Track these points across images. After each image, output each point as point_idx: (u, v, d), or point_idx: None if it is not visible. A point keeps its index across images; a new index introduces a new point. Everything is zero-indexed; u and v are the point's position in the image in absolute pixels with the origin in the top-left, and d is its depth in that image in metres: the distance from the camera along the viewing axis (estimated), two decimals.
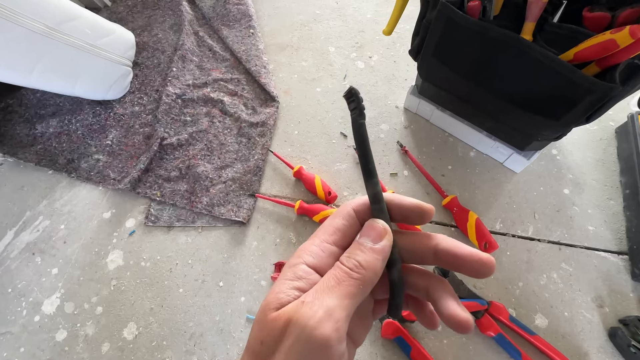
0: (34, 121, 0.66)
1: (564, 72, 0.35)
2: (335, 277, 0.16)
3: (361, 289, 0.16)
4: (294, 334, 0.14)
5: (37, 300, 0.50)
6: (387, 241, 0.17)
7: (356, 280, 0.16)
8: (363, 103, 0.17)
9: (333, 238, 0.18)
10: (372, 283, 0.16)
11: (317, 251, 0.18)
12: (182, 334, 0.47)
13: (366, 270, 0.16)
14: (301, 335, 0.14)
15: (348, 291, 0.15)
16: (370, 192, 0.18)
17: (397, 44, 0.73)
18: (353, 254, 0.17)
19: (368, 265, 0.16)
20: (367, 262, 0.16)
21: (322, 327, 0.14)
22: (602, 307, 0.47)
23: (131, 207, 0.57)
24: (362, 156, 0.18)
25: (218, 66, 0.72)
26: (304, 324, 0.14)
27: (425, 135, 0.61)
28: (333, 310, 0.15)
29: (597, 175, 0.57)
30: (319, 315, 0.14)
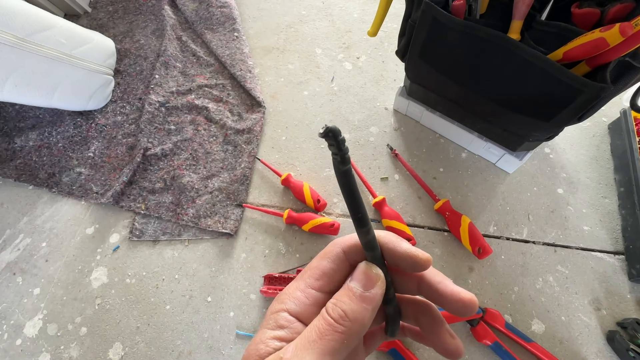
0: (13, 135, 0.64)
1: (554, 72, 0.34)
2: (317, 329, 0.15)
3: (345, 344, 0.14)
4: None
5: (19, 322, 0.49)
6: (379, 289, 0.16)
7: (340, 334, 0.14)
8: (346, 144, 0.14)
9: (319, 283, 0.17)
10: (358, 336, 0.15)
11: (301, 298, 0.16)
12: (170, 352, 0.46)
13: (352, 323, 0.15)
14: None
15: (330, 346, 0.14)
16: (363, 241, 0.16)
17: (385, 44, 0.71)
18: (340, 302, 0.15)
19: (355, 317, 0.15)
20: (354, 312, 0.15)
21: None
22: (600, 309, 0.46)
23: (115, 222, 0.55)
24: (351, 205, 0.15)
25: (202, 72, 0.70)
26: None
27: (416, 137, 0.60)
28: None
29: (591, 173, 0.55)
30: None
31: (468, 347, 0.44)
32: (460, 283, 0.48)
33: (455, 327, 0.45)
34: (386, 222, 0.50)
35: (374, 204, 0.53)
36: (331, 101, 0.65)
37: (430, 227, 0.52)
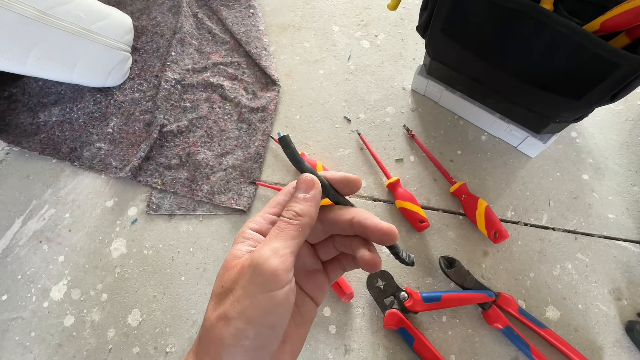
0: (37, 110, 0.66)
1: (589, 44, 0.31)
2: (278, 227, 0.20)
3: (300, 231, 0.19)
4: (248, 272, 0.18)
5: (46, 286, 0.51)
6: (316, 190, 0.20)
7: (295, 225, 0.19)
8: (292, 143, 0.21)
9: (274, 210, 0.22)
10: (309, 225, 0.20)
11: (260, 220, 0.22)
12: (185, 321, 0.48)
13: (302, 217, 0.20)
14: (254, 271, 0.18)
15: (290, 234, 0.19)
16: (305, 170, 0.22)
17: (405, 21, 0.68)
18: (290, 207, 0.20)
19: (303, 212, 0.20)
20: (302, 210, 0.20)
21: (270, 261, 0.18)
22: (620, 299, 0.44)
23: (133, 196, 0.57)
24: (294, 162, 0.22)
25: (217, 49, 0.70)
26: (256, 262, 0.18)
27: (434, 118, 0.58)
28: (278, 249, 0.18)
29: (620, 160, 0.52)
30: (267, 254, 0.18)
31: (478, 330, 0.44)
32: (474, 267, 0.47)
33: (467, 311, 0.45)
34: (400, 204, 0.50)
35: (388, 185, 0.52)
36: (347, 80, 0.64)
37: (445, 209, 0.51)
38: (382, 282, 0.45)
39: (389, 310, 0.43)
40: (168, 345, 0.46)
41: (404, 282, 0.47)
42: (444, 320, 0.45)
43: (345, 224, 0.21)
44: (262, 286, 0.17)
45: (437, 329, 0.44)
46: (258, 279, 0.17)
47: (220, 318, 0.18)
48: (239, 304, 0.17)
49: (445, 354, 0.43)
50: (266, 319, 0.17)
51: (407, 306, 0.43)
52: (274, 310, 0.18)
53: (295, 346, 0.21)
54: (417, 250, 0.49)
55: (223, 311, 0.18)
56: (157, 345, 0.47)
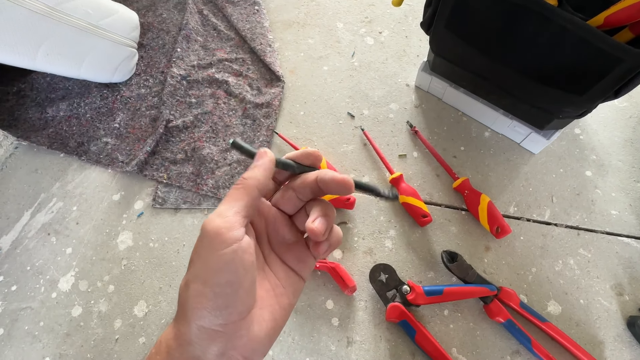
0: (45, 105, 0.67)
1: (592, 39, 0.32)
2: (227, 194, 0.21)
3: (244, 192, 0.20)
4: (198, 237, 0.19)
5: (54, 278, 0.52)
6: (265, 159, 0.22)
7: (240, 188, 0.20)
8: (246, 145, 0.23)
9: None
10: (255, 186, 0.21)
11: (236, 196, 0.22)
12: None
13: (248, 179, 0.21)
14: (201, 234, 0.19)
15: (234, 197, 0.20)
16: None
17: (409, 18, 0.69)
18: (243, 174, 0.21)
19: (249, 175, 0.21)
20: (248, 174, 0.21)
21: (212, 222, 0.19)
22: (622, 295, 0.45)
23: (139, 190, 0.58)
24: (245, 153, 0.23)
25: (222, 46, 0.70)
26: (202, 227, 0.19)
27: (437, 114, 0.58)
28: (221, 211, 0.19)
29: (624, 156, 0.53)
30: (211, 217, 0.19)
31: (480, 324, 0.44)
32: (476, 262, 0.48)
33: (468, 305, 0.45)
34: (403, 199, 0.50)
35: (391, 180, 0.52)
36: (351, 77, 0.64)
37: (448, 205, 0.52)
38: (385, 275, 0.46)
39: (391, 304, 0.44)
40: None
41: (406, 275, 0.48)
42: (446, 314, 0.45)
43: (313, 184, 0.22)
44: (209, 247, 0.18)
45: (439, 322, 0.45)
46: (205, 241, 0.19)
47: (184, 284, 0.19)
48: (193, 267, 0.19)
49: (447, 347, 0.43)
50: (220, 277, 0.18)
51: (409, 299, 0.43)
52: (226, 267, 0.18)
53: (277, 314, 0.21)
54: (419, 244, 0.49)
55: (185, 280, 0.19)
56: None
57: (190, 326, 0.18)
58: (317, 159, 0.24)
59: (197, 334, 0.18)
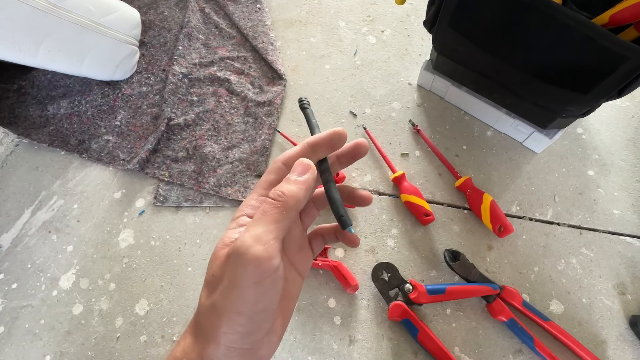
0: (46, 102, 0.67)
1: (597, 37, 0.31)
2: (261, 210, 0.19)
3: (284, 214, 0.18)
4: (232, 262, 0.18)
5: (55, 275, 0.52)
6: (310, 174, 0.20)
7: (279, 207, 0.18)
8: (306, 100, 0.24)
9: (267, 191, 0.21)
10: (295, 208, 0.19)
11: (254, 203, 0.21)
12: (192, 310, 0.48)
13: (287, 197, 0.19)
14: (238, 261, 0.17)
15: (273, 218, 0.18)
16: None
17: (412, 17, 0.69)
18: (279, 186, 0.19)
19: (290, 193, 0.19)
20: (289, 190, 0.19)
21: (252, 250, 0.17)
22: (624, 294, 0.45)
23: (140, 188, 0.57)
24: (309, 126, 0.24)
25: (224, 44, 0.70)
26: (238, 252, 0.17)
27: (440, 113, 0.58)
28: (260, 235, 0.17)
29: (626, 156, 0.53)
30: (248, 242, 0.17)
31: (482, 323, 0.44)
32: (478, 260, 0.48)
33: (471, 304, 0.45)
34: (405, 197, 0.50)
35: (393, 179, 0.52)
36: (353, 75, 0.64)
37: (450, 204, 0.52)
38: (387, 274, 0.46)
39: (394, 302, 0.44)
40: (175, 334, 0.47)
41: (408, 274, 0.48)
42: (448, 313, 0.45)
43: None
44: (248, 277, 0.17)
45: (441, 321, 0.45)
46: (242, 270, 0.17)
47: (213, 308, 0.18)
48: (227, 295, 0.17)
49: (449, 345, 0.43)
50: (255, 306, 0.18)
51: (411, 298, 0.43)
52: (262, 297, 0.18)
53: (285, 319, 0.22)
54: (421, 243, 0.49)
55: (214, 301, 0.18)
56: (164, 334, 0.47)
57: (220, 348, 0.18)
58: (340, 139, 0.22)
59: (226, 354, 0.18)
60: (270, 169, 0.22)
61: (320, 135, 0.22)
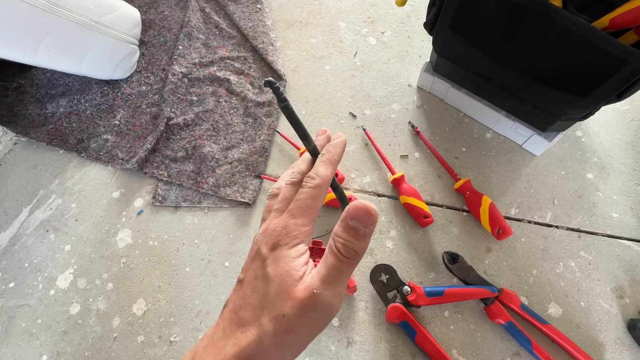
0: (45, 101, 0.67)
1: (597, 41, 0.31)
2: (338, 268, 0.19)
3: (354, 268, 0.20)
4: (316, 315, 0.19)
5: (52, 275, 0.52)
6: (374, 223, 0.20)
7: (353, 265, 0.20)
8: (281, 90, 0.22)
9: (298, 187, 0.22)
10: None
11: (309, 232, 0.21)
12: (189, 311, 0.48)
13: (360, 255, 0.20)
14: (322, 315, 0.19)
15: (347, 274, 0.20)
16: (308, 149, 0.24)
17: (412, 18, 0.69)
18: (349, 243, 0.19)
19: (362, 251, 0.20)
20: (362, 248, 0.20)
21: (336, 307, 0.19)
22: (622, 297, 0.45)
23: (139, 187, 0.57)
24: (295, 126, 0.23)
25: (224, 44, 0.70)
26: (325, 309, 0.19)
27: (439, 115, 0.58)
28: (340, 293, 0.19)
29: (625, 159, 0.53)
30: (334, 303, 0.19)
31: (480, 325, 0.44)
32: (477, 263, 0.48)
33: (469, 306, 0.45)
34: (404, 199, 0.50)
35: (392, 181, 0.52)
36: (353, 76, 0.64)
37: (449, 206, 0.52)
38: (386, 276, 0.46)
39: (392, 304, 0.44)
40: (172, 335, 0.47)
41: (407, 276, 0.48)
42: (446, 315, 0.45)
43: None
44: (324, 324, 0.20)
45: (439, 323, 0.45)
46: (323, 324, 0.20)
47: (282, 347, 0.18)
48: (302, 340, 0.19)
49: (447, 348, 0.43)
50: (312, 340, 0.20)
51: (409, 300, 0.43)
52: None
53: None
54: (420, 245, 0.49)
55: (285, 343, 0.18)
56: (161, 334, 0.47)
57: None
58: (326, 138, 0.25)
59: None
60: (303, 159, 0.25)
61: (338, 155, 0.24)
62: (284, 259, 0.20)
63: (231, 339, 0.19)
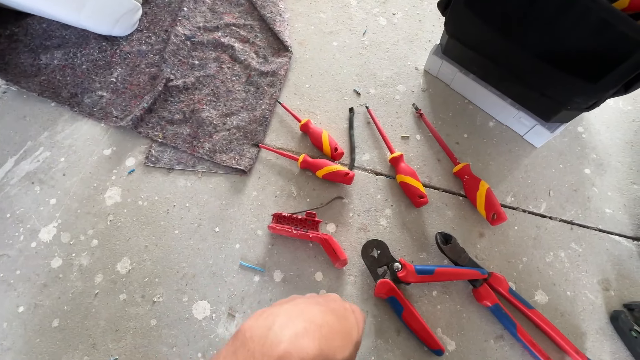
0: (39, 52, 0.64)
1: (615, 21, 0.31)
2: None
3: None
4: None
5: (35, 227, 0.50)
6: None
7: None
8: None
9: None
10: None
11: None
12: (175, 273, 0.47)
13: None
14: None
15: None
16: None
17: (425, 2, 0.68)
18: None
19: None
20: None
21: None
22: (608, 290, 0.45)
23: (132, 146, 0.56)
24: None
25: (231, 10, 0.68)
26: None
27: (444, 100, 0.58)
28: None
29: (623, 158, 0.53)
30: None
31: (467, 307, 0.44)
32: (469, 247, 0.48)
33: (457, 288, 0.45)
34: (400, 178, 0.49)
35: (391, 160, 0.52)
36: (360, 55, 0.63)
37: (446, 189, 0.51)
38: (377, 251, 0.45)
39: (381, 280, 0.43)
40: (156, 295, 0.46)
41: (398, 255, 0.47)
42: (434, 295, 0.45)
43: None
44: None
45: (427, 302, 0.45)
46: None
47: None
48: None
49: (433, 326, 0.43)
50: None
51: (399, 277, 0.43)
52: None
53: None
54: (414, 225, 0.49)
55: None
56: (144, 293, 0.46)
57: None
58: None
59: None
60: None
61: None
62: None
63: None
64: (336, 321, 0.23)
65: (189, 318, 0.45)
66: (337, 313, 0.24)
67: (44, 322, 0.45)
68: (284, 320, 0.22)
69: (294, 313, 0.23)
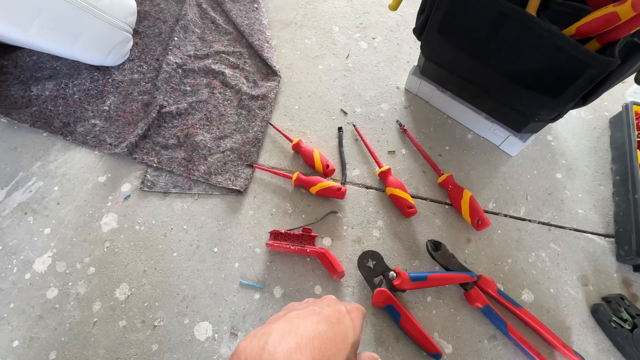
0: (30, 83, 0.65)
1: (566, 46, 0.36)
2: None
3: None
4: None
5: (29, 258, 0.50)
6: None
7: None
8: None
9: None
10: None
11: None
12: (175, 296, 0.48)
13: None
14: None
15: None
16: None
17: (401, 27, 0.73)
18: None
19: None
20: None
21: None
22: (587, 285, 0.48)
23: (127, 172, 0.57)
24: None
25: (220, 39, 0.71)
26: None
27: (425, 116, 0.62)
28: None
29: (589, 162, 0.58)
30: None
31: (460, 310, 0.47)
32: (458, 252, 0.50)
33: (450, 292, 0.48)
34: (390, 190, 0.52)
35: (379, 174, 0.55)
36: (345, 76, 0.67)
37: (433, 199, 0.55)
38: (373, 261, 0.47)
39: (378, 289, 0.45)
40: (156, 319, 0.46)
41: (392, 264, 0.50)
42: (429, 300, 0.47)
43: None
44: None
45: (422, 308, 0.47)
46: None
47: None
48: None
49: (429, 331, 0.45)
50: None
51: (395, 285, 0.45)
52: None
53: None
54: (405, 235, 0.52)
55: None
56: (144, 318, 0.46)
57: None
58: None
59: None
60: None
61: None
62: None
63: None
64: (329, 329, 0.24)
65: (191, 340, 0.45)
66: (330, 319, 0.25)
67: (40, 355, 0.44)
68: (277, 338, 0.23)
69: (285, 329, 0.23)
